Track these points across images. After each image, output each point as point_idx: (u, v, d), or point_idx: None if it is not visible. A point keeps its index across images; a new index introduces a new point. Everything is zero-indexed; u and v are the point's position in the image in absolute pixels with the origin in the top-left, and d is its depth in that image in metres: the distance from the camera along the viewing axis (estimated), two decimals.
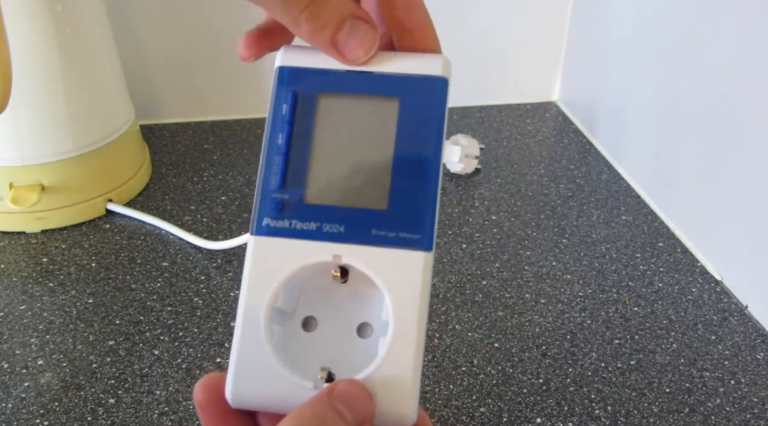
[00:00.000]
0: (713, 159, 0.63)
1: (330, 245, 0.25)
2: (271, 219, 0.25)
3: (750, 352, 0.55)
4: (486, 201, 0.72)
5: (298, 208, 0.26)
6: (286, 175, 0.26)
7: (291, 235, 0.25)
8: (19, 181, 0.63)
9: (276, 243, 0.25)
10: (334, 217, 0.25)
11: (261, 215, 0.26)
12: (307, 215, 0.25)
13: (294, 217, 0.25)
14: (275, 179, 0.26)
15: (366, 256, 0.25)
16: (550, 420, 0.49)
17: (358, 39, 0.25)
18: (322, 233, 0.25)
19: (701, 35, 0.63)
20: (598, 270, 0.63)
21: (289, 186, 0.26)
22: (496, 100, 0.93)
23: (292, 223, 0.25)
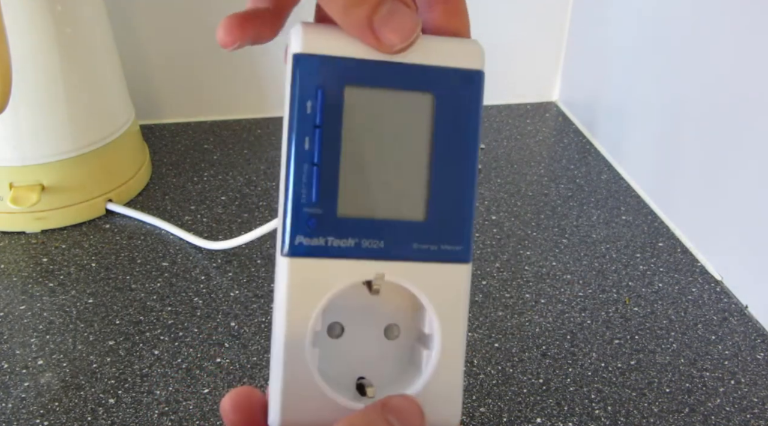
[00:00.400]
0: (713, 159, 0.63)
1: (371, 263, 0.24)
2: (305, 237, 0.23)
3: (750, 352, 0.55)
4: (486, 201, 0.72)
5: (333, 224, 0.23)
6: (321, 187, 0.23)
7: (329, 254, 0.23)
8: (19, 181, 0.63)
9: (313, 264, 0.23)
10: (372, 231, 0.24)
11: (294, 233, 0.23)
12: (344, 231, 0.24)
13: (330, 234, 0.23)
14: (307, 192, 0.23)
15: (409, 272, 0.24)
16: (550, 420, 0.49)
17: (397, 23, 0.22)
18: (361, 250, 0.24)
19: (702, 35, 0.63)
20: (598, 270, 0.63)
21: (323, 198, 0.23)
22: (496, 100, 0.93)
23: (329, 240, 0.23)
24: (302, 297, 0.23)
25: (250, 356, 0.53)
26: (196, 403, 0.49)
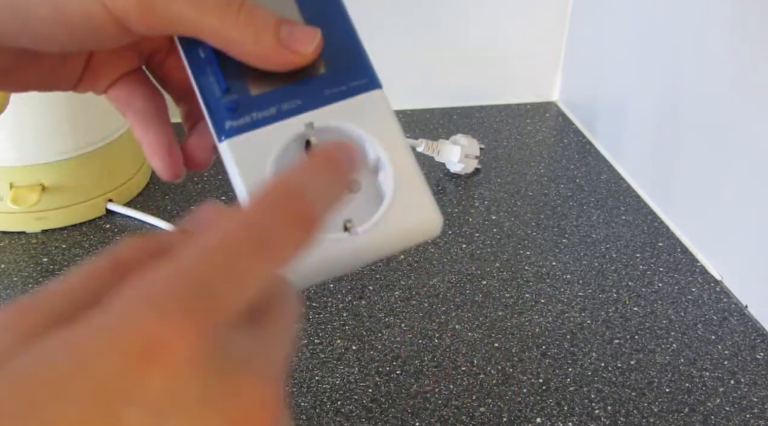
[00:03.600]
0: (713, 159, 0.63)
1: (297, 118, 0.26)
2: (231, 120, 0.26)
3: (750, 352, 0.55)
4: (486, 201, 0.72)
5: (250, 102, 0.26)
6: (226, 79, 0.26)
7: (257, 125, 0.26)
8: (19, 181, 0.63)
9: (248, 137, 0.26)
10: (287, 95, 0.26)
11: (221, 121, 0.26)
12: (263, 104, 0.26)
13: (252, 110, 0.26)
14: (217, 87, 0.26)
15: (332, 113, 0.26)
16: (550, 420, 0.49)
17: (300, 34, 0.25)
18: (284, 112, 0.26)
19: (701, 35, 0.63)
20: (598, 270, 0.63)
21: (233, 87, 0.26)
22: (496, 100, 0.93)
23: (253, 115, 0.26)
24: (251, 167, 0.26)
25: None
26: None
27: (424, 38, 0.87)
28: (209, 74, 0.26)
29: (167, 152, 0.28)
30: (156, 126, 0.29)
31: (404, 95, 0.90)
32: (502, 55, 0.90)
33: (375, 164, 0.27)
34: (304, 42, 0.25)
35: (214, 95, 0.26)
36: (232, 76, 0.26)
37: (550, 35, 0.90)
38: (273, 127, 0.26)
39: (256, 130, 0.26)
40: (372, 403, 0.50)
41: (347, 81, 0.27)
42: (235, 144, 0.26)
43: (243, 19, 0.24)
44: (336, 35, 0.27)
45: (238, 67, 0.26)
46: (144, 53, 0.30)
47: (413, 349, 0.54)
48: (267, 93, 0.26)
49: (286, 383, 0.20)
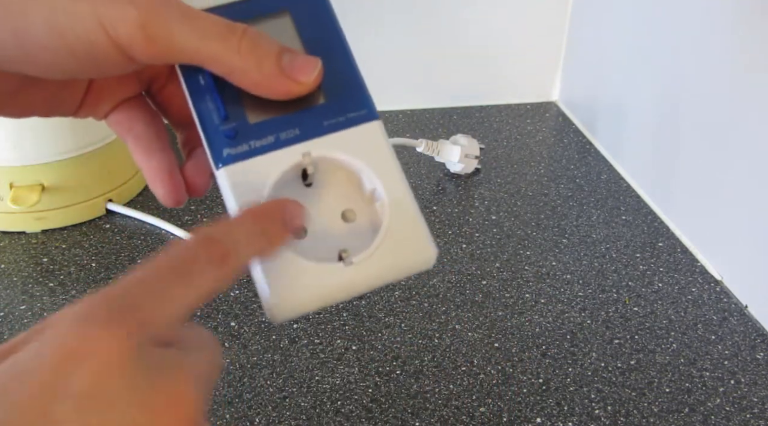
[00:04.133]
0: (713, 159, 0.63)
1: (294, 147, 0.26)
2: (229, 148, 0.26)
3: (750, 352, 0.55)
4: (486, 201, 0.72)
5: (249, 130, 0.26)
6: (225, 106, 0.26)
7: (255, 153, 0.26)
8: (19, 181, 0.63)
9: (245, 166, 0.26)
10: (285, 124, 0.26)
11: (219, 148, 0.26)
12: (261, 132, 0.26)
13: (249, 138, 0.26)
14: (216, 114, 0.26)
15: (330, 143, 0.27)
16: (550, 420, 0.49)
17: (301, 63, 0.26)
18: (281, 142, 0.26)
19: (701, 35, 0.63)
20: (598, 270, 0.63)
21: (232, 115, 0.26)
22: (496, 100, 0.93)
23: (251, 144, 0.26)
24: (247, 195, 0.26)
25: (250, 356, 0.53)
26: None
27: (424, 38, 0.87)
28: (208, 101, 0.27)
29: (169, 178, 0.29)
30: (157, 151, 0.29)
31: (404, 95, 0.91)
32: (502, 55, 0.90)
33: (371, 195, 0.27)
34: (305, 71, 0.26)
35: (212, 122, 0.26)
36: (231, 104, 0.26)
37: (550, 35, 0.90)
38: (270, 156, 0.26)
39: (253, 158, 0.26)
40: (372, 403, 0.50)
41: (345, 112, 0.27)
42: (232, 172, 0.26)
43: (245, 47, 0.25)
44: (335, 66, 0.27)
45: (237, 95, 0.26)
46: (144, 79, 0.30)
47: (413, 349, 0.54)
48: (265, 121, 0.26)
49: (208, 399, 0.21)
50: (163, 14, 0.24)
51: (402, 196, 0.26)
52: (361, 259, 0.26)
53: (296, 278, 0.25)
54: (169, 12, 0.24)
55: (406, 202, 0.26)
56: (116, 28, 0.23)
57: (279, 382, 0.51)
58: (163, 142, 0.30)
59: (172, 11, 0.24)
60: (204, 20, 0.24)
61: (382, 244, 0.26)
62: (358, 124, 0.27)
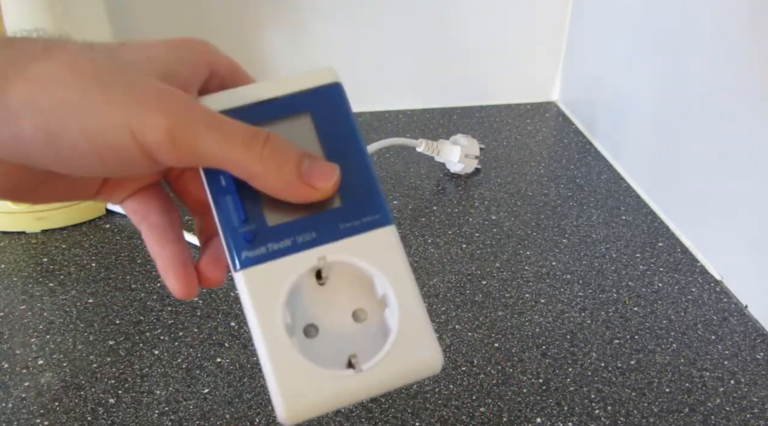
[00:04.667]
0: (713, 159, 0.63)
1: (311, 251, 0.27)
2: (247, 251, 0.27)
3: (750, 352, 0.55)
4: (486, 201, 0.72)
5: (267, 233, 0.27)
6: (245, 209, 0.27)
7: (273, 257, 0.27)
8: None
9: (263, 269, 0.27)
10: (303, 228, 0.27)
11: (238, 251, 0.27)
12: (278, 235, 0.27)
13: (267, 241, 0.27)
14: (236, 216, 0.27)
15: (345, 247, 0.27)
16: (550, 420, 0.49)
17: (320, 169, 0.27)
18: (298, 245, 0.27)
19: (701, 35, 0.63)
20: (598, 270, 0.63)
21: (251, 217, 0.27)
22: (496, 100, 0.93)
23: (269, 247, 0.27)
24: (264, 298, 0.26)
25: (250, 356, 0.53)
26: (196, 403, 0.49)
27: (424, 38, 0.87)
28: (229, 202, 0.27)
29: (182, 271, 0.29)
30: (171, 242, 0.30)
31: (404, 95, 0.91)
32: (502, 55, 0.90)
33: (382, 299, 0.28)
34: (324, 178, 0.27)
35: (232, 224, 0.27)
36: (251, 206, 0.27)
37: (550, 35, 0.90)
38: (287, 260, 0.27)
39: (271, 261, 0.27)
40: (372, 403, 0.50)
41: (361, 216, 0.28)
42: (250, 275, 0.27)
43: (267, 154, 0.25)
44: (352, 169, 0.28)
45: (257, 197, 0.27)
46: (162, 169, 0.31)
47: None
48: (283, 224, 0.27)
49: None
50: (190, 122, 0.25)
51: (412, 302, 0.27)
52: (370, 367, 0.26)
53: (307, 384, 0.26)
54: (197, 119, 0.25)
55: (416, 309, 0.27)
56: (145, 135, 0.24)
57: None
58: (177, 232, 0.30)
59: (199, 118, 0.25)
60: (228, 126, 0.25)
61: (392, 352, 0.27)
62: (373, 229, 0.28)
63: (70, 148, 0.24)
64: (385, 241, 0.28)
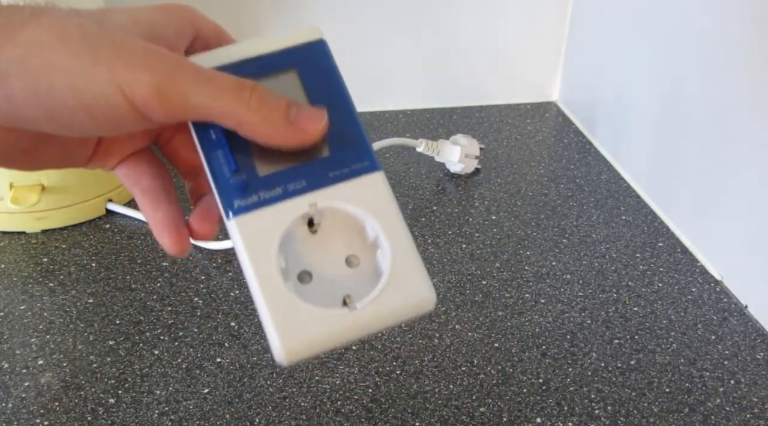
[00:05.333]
0: (713, 159, 0.63)
1: (301, 198, 0.28)
2: (239, 199, 0.28)
3: (750, 352, 0.55)
4: (486, 201, 0.72)
5: (258, 182, 0.28)
6: (236, 160, 0.28)
7: (264, 204, 0.28)
8: (19, 181, 0.63)
9: (255, 216, 0.27)
10: (293, 176, 0.28)
11: (230, 200, 0.28)
12: (269, 184, 0.28)
13: (259, 190, 0.28)
14: (227, 167, 0.28)
15: (334, 193, 0.28)
16: (550, 420, 0.49)
17: (308, 113, 0.27)
18: (289, 192, 0.28)
19: (702, 35, 0.63)
20: (598, 270, 0.63)
21: (242, 167, 0.28)
22: (496, 100, 0.93)
23: (260, 195, 0.28)
24: (258, 244, 0.27)
25: (250, 356, 0.53)
26: (196, 403, 0.49)
27: (424, 38, 0.87)
28: (220, 155, 0.28)
29: (175, 231, 0.30)
30: (164, 204, 0.30)
31: (404, 95, 0.91)
32: (502, 55, 0.90)
33: (374, 242, 0.29)
34: (312, 120, 0.27)
35: (223, 175, 0.28)
36: (242, 157, 0.28)
37: (550, 35, 0.90)
38: (279, 207, 0.28)
39: (262, 208, 0.28)
40: (372, 403, 0.50)
41: (349, 163, 0.28)
42: (243, 222, 0.27)
43: (254, 102, 0.26)
44: (339, 120, 0.29)
45: (247, 149, 0.28)
46: (152, 132, 0.31)
47: (413, 349, 0.54)
48: (274, 174, 0.28)
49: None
50: (177, 76, 0.25)
51: (403, 243, 0.28)
52: (364, 305, 0.27)
53: (303, 323, 0.26)
54: (184, 73, 0.25)
55: (407, 249, 0.28)
56: (134, 91, 0.25)
57: (279, 382, 0.51)
58: (169, 194, 0.31)
59: (186, 72, 0.25)
60: (215, 78, 0.26)
61: (385, 290, 0.27)
62: (362, 175, 0.28)
63: (60, 106, 0.25)
64: (374, 185, 0.28)
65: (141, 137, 0.31)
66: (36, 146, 0.29)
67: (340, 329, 0.27)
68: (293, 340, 0.26)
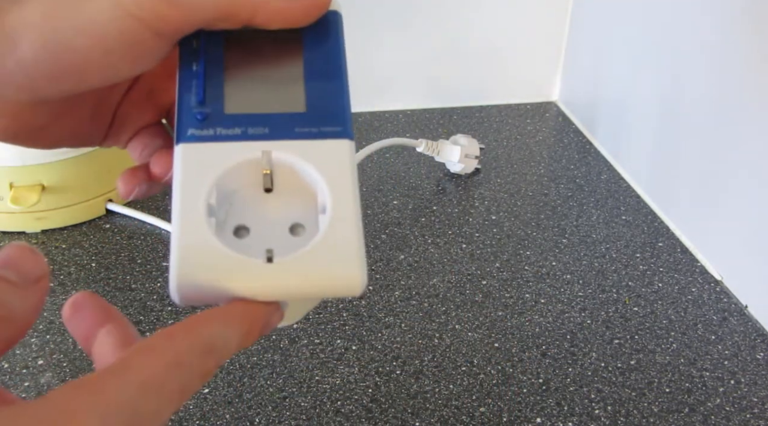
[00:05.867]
0: (713, 159, 0.63)
1: (257, 143, 0.26)
2: (195, 129, 0.26)
3: (750, 352, 0.55)
4: (486, 201, 0.72)
5: (221, 118, 0.27)
6: (204, 92, 0.27)
7: (216, 139, 0.26)
8: (19, 181, 0.63)
9: (204, 147, 0.26)
10: (257, 121, 0.27)
11: (185, 127, 0.26)
12: (231, 123, 0.27)
13: (218, 125, 0.26)
14: (194, 97, 0.27)
15: (294, 147, 0.26)
16: (550, 420, 0.49)
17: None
18: (247, 135, 0.26)
19: (701, 35, 0.63)
20: (598, 270, 0.63)
21: (209, 101, 0.27)
22: (496, 100, 0.93)
23: (217, 130, 0.26)
24: (194, 174, 0.26)
25: (250, 356, 0.53)
26: (196, 403, 0.49)
27: (424, 38, 0.87)
28: (193, 85, 0.27)
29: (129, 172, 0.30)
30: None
31: (404, 95, 0.90)
32: (502, 56, 0.90)
33: (322, 210, 0.26)
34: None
35: (189, 104, 0.27)
36: (213, 92, 0.27)
37: (550, 35, 0.90)
38: (231, 145, 0.26)
39: (214, 143, 0.26)
40: (372, 403, 0.50)
41: (321, 124, 0.27)
42: (188, 149, 0.26)
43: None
44: (328, 85, 0.28)
45: (222, 86, 0.27)
46: (164, 106, 0.32)
47: (413, 349, 0.54)
48: (239, 114, 0.27)
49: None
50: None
51: (348, 214, 0.25)
52: (282, 261, 0.25)
53: (209, 262, 0.24)
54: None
55: (350, 222, 0.25)
56: (141, 5, 0.24)
57: (279, 382, 0.51)
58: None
59: None
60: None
61: (309, 254, 0.25)
62: (329, 138, 0.27)
63: (71, 51, 0.24)
64: (338, 151, 0.27)
65: (152, 111, 0.31)
66: (51, 123, 0.28)
67: (245, 278, 0.24)
68: (190, 276, 0.24)
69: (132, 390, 0.20)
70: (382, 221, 0.69)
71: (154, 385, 0.21)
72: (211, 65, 0.28)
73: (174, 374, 0.21)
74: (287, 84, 0.28)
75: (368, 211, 0.70)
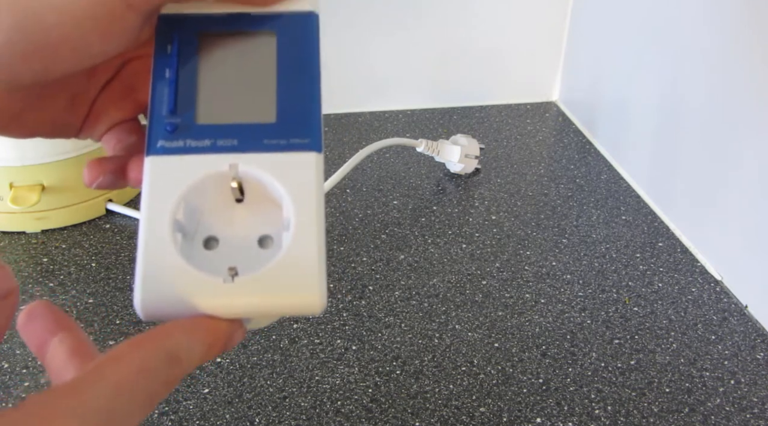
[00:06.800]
0: (713, 159, 0.63)
1: (225, 156, 0.26)
2: (165, 141, 0.27)
3: (750, 352, 0.55)
4: (486, 201, 0.72)
5: (190, 129, 0.27)
6: (176, 101, 0.27)
7: (186, 152, 0.26)
8: (19, 181, 0.63)
9: (172, 160, 0.26)
10: (227, 133, 0.27)
11: (155, 138, 0.27)
12: (201, 134, 0.27)
13: (187, 136, 0.27)
14: (166, 106, 0.27)
15: (261, 161, 0.26)
16: (550, 420, 0.49)
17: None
18: (216, 147, 0.27)
19: (702, 35, 0.63)
20: (598, 270, 0.63)
21: (180, 111, 0.27)
22: (496, 100, 0.93)
23: (187, 142, 0.27)
24: (162, 188, 0.26)
25: (250, 356, 0.53)
26: (196, 403, 0.49)
27: (424, 38, 0.87)
28: (165, 93, 0.27)
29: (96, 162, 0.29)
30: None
31: (404, 95, 0.91)
32: (502, 56, 0.90)
33: (287, 224, 0.26)
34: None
35: (160, 113, 0.27)
36: (185, 101, 0.27)
37: (550, 35, 0.90)
38: (199, 158, 0.26)
39: (183, 155, 0.26)
40: (372, 403, 0.50)
41: (289, 136, 0.27)
42: (157, 162, 0.26)
43: None
44: (299, 93, 0.28)
45: (194, 94, 0.27)
46: (143, 104, 0.32)
47: (413, 349, 0.54)
48: (210, 125, 0.27)
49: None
50: None
51: (310, 231, 0.25)
52: (243, 280, 0.25)
53: (171, 280, 0.25)
54: None
55: (311, 242, 0.25)
56: None
57: (279, 382, 0.51)
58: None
59: None
60: None
61: (270, 273, 0.25)
62: (296, 151, 0.27)
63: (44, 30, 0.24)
64: (304, 165, 0.26)
65: (129, 106, 0.31)
66: (25, 111, 0.28)
67: (207, 296, 0.25)
68: (154, 293, 0.25)
69: (107, 394, 0.21)
70: (382, 221, 0.69)
71: (126, 390, 0.21)
72: (184, 71, 0.28)
73: (141, 381, 0.22)
74: (259, 92, 0.28)
75: (368, 211, 0.70)
